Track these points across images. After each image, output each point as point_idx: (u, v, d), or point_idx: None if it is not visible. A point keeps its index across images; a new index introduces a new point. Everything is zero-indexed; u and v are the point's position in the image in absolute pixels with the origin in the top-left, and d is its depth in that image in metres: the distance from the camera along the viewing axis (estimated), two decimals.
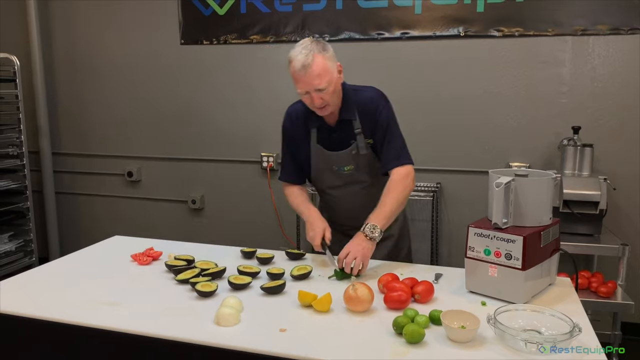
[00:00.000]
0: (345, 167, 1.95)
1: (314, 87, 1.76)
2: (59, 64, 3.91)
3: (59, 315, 1.44)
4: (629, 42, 2.85)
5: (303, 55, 1.75)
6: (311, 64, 1.74)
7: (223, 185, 3.68)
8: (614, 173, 2.85)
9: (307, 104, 1.84)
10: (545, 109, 3.02)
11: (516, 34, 2.99)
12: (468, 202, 3.18)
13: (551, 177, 1.57)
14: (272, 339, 1.30)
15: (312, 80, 1.75)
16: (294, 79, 1.79)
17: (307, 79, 1.75)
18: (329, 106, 1.83)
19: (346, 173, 1.96)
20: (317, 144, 1.96)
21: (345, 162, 1.95)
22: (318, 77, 1.75)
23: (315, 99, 1.78)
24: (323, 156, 1.97)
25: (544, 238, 1.53)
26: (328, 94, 1.79)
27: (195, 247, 2.04)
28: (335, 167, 1.96)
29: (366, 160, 1.94)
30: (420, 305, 1.50)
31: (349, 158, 1.94)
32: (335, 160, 1.95)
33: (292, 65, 1.78)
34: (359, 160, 1.94)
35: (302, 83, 1.77)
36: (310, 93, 1.78)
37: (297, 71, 1.76)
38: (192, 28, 3.55)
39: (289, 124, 2.04)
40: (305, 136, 1.99)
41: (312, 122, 1.96)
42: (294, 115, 2.03)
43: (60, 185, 4.03)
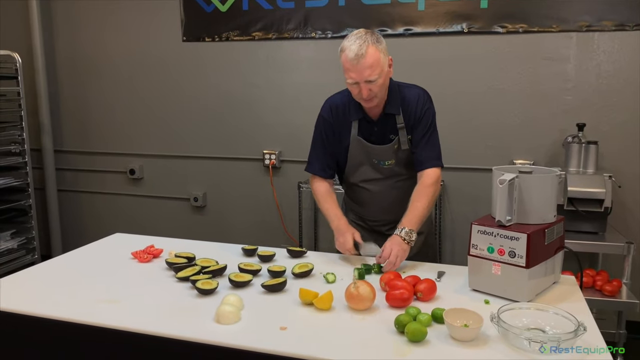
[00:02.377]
0: (386, 161, 1.94)
1: (365, 78, 1.74)
2: (61, 61, 3.90)
3: (60, 313, 1.43)
4: (635, 38, 2.82)
5: (357, 45, 1.73)
6: (364, 55, 1.72)
7: (225, 183, 3.67)
8: (619, 170, 2.82)
9: (354, 94, 1.82)
10: (549, 106, 3.00)
11: (520, 30, 2.97)
12: (471, 199, 3.16)
13: (556, 174, 1.55)
14: (272, 337, 1.29)
15: (363, 70, 1.73)
16: (345, 68, 1.77)
17: (359, 69, 1.73)
18: (375, 98, 1.82)
19: (386, 167, 1.95)
20: (357, 136, 1.93)
21: (386, 157, 1.94)
22: (370, 68, 1.73)
23: (364, 90, 1.76)
24: (364, 149, 1.94)
25: (548, 236, 1.51)
26: (377, 86, 1.78)
27: (196, 245, 2.03)
28: (375, 161, 1.95)
29: (406, 155, 1.94)
30: (422, 303, 1.48)
31: (390, 152, 1.93)
32: (377, 154, 1.94)
33: (344, 55, 1.76)
34: (399, 155, 1.93)
35: (354, 73, 1.74)
36: (359, 84, 1.76)
37: (350, 60, 1.73)
38: (194, 25, 3.54)
39: (329, 114, 1.98)
40: (344, 128, 1.95)
41: (353, 114, 1.93)
42: (334, 106, 1.98)
43: (63, 183, 4.02)
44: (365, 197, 2.04)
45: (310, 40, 3.33)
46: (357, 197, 2.07)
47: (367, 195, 2.03)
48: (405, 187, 1.98)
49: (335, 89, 2.05)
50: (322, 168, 2.02)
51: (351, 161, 1.98)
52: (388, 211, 2.00)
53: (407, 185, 1.97)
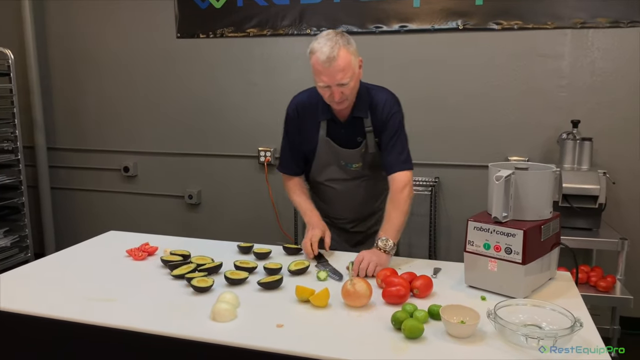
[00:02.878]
0: (354, 164, 1.94)
1: (337, 82, 1.71)
2: (54, 58, 3.87)
3: (54, 312, 1.42)
4: (629, 35, 2.83)
5: (328, 47, 1.69)
6: (336, 57, 1.69)
7: (220, 180, 3.66)
8: (613, 167, 2.83)
9: (325, 97, 1.80)
10: (544, 103, 3.00)
11: (515, 27, 2.97)
12: (466, 196, 3.16)
13: (552, 171, 1.55)
14: (269, 335, 1.29)
15: (336, 74, 1.70)
16: (316, 70, 1.74)
17: (331, 72, 1.70)
18: (346, 101, 1.80)
19: (353, 169, 1.96)
20: (326, 137, 1.93)
21: (354, 160, 1.94)
22: (342, 72, 1.70)
23: (336, 93, 1.74)
24: (332, 150, 1.94)
25: (544, 232, 1.51)
26: (349, 89, 1.76)
27: (192, 242, 2.02)
28: (343, 163, 1.95)
29: (372, 158, 1.94)
30: (419, 300, 1.48)
31: (357, 156, 1.93)
32: (345, 156, 1.94)
33: (314, 57, 1.72)
34: (367, 158, 1.93)
35: (326, 76, 1.71)
36: (331, 87, 1.73)
37: (322, 63, 1.70)
38: (189, 21, 3.52)
39: (295, 114, 1.97)
40: (312, 127, 1.94)
41: (321, 114, 1.91)
42: (300, 106, 1.97)
43: (56, 181, 4.00)
44: (330, 195, 2.03)
45: (306, 37, 3.31)
46: (322, 195, 2.07)
47: (332, 193, 2.02)
48: (370, 187, 1.99)
49: None
50: (294, 168, 2.05)
51: (318, 161, 1.97)
52: (353, 209, 2.01)
53: (372, 184, 1.99)
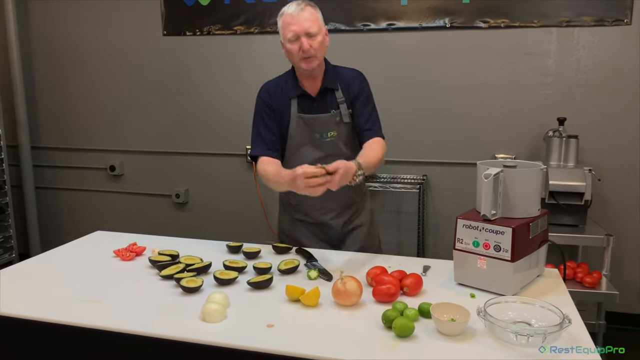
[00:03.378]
0: (328, 132, 1.93)
1: (306, 30, 1.79)
2: (37, 55, 3.81)
3: (39, 314, 1.40)
4: (613, 33, 2.86)
5: (295, 4, 1.83)
6: (304, 9, 1.81)
7: (208, 179, 3.64)
8: (599, 164, 2.87)
9: (294, 52, 1.82)
10: (530, 100, 3.03)
11: (502, 25, 2.99)
12: (454, 193, 3.18)
13: (540, 169, 1.56)
14: (259, 335, 1.28)
15: (304, 22, 1.79)
16: (285, 24, 1.82)
17: (299, 20, 1.79)
18: (315, 58, 1.83)
19: (328, 141, 1.94)
20: (298, 113, 1.93)
21: (328, 127, 1.93)
22: (310, 21, 1.80)
23: (305, 43, 1.79)
24: (305, 123, 1.93)
25: (533, 229, 1.52)
26: (317, 43, 1.81)
27: (180, 242, 2.00)
28: (317, 135, 1.94)
29: (347, 130, 1.95)
30: (409, 298, 1.48)
31: (332, 123, 1.93)
32: (318, 125, 1.93)
33: (283, 14, 1.83)
34: (341, 127, 1.94)
35: (294, 25, 1.79)
36: (300, 39, 1.79)
37: (290, 14, 1.81)
38: (175, 19, 3.49)
39: (267, 96, 1.97)
40: (284, 108, 1.95)
41: (292, 91, 1.94)
42: (272, 88, 1.98)
43: (41, 180, 3.94)
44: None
45: None
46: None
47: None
48: None
49: None
50: (269, 147, 1.95)
51: (291, 142, 1.96)
52: (331, 196, 1.86)
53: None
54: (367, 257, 1.84)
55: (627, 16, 2.82)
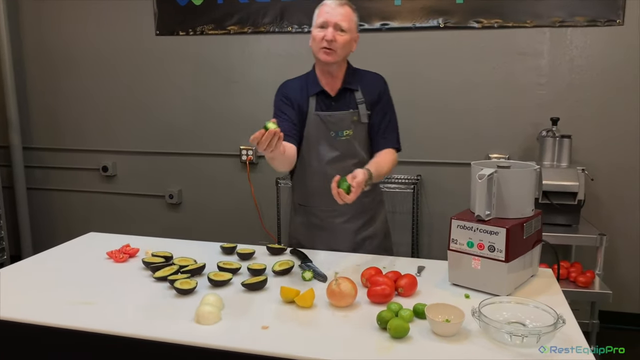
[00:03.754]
0: (344, 131, 1.93)
1: (336, 20, 1.82)
2: (29, 55, 3.79)
3: (31, 316, 1.38)
4: (606, 33, 2.88)
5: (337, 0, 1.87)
6: (344, 5, 1.86)
7: (201, 180, 3.62)
8: (592, 164, 2.88)
9: (318, 40, 1.84)
10: (524, 100, 3.04)
11: (495, 25, 3.00)
12: (448, 193, 3.19)
13: (533, 169, 1.56)
14: (254, 337, 1.27)
15: (337, 15, 1.82)
16: (319, 12, 1.86)
17: (334, 12, 1.83)
18: (334, 53, 1.84)
19: (343, 140, 1.93)
20: (315, 111, 1.93)
21: (344, 126, 1.93)
22: (343, 17, 1.83)
23: (330, 33, 1.81)
24: (321, 121, 1.93)
25: (527, 230, 1.52)
26: (342, 39, 1.83)
27: (174, 243, 1.99)
28: (332, 133, 1.93)
29: (364, 131, 1.96)
30: (404, 298, 1.48)
31: (348, 121, 1.93)
32: (334, 123, 1.92)
33: (323, 4, 1.87)
34: (358, 128, 1.94)
35: (328, 14, 1.83)
36: (328, 27, 1.82)
37: (328, 4, 1.85)
38: (168, 18, 3.47)
39: (287, 92, 1.98)
40: (302, 107, 1.95)
41: (311, 88, 1.95)
42: (291, 86, 2.00)
43: (33, 181, 3.91)
44: (320, 182, 1.92)
45: (287, 35, 3.30)
46: (312, 186, 1.99)
47: (322, 179, 1.89)
48: None
49: None
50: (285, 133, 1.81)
51: (307, 140, 1.95)
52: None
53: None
54: (362, 257, 1.84)
55: (620, 16, 2.83)
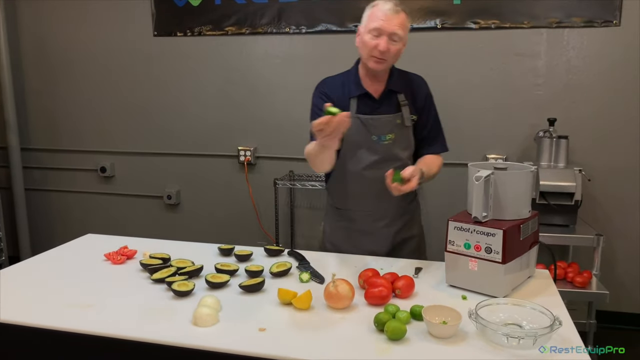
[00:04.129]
0: (386, 135, 1.88)
1: (392, 31, 1.75)
2: (27, 56, 3.78)
3: (28, 319, 1.38)
4: (603, 34, 2.88)
5: (393, 3, 1.78)
6: (400, 12, 1.78)
7: (199, 180, 3.62)
8: (589, 164, 2.89)
9: (369, 48, 1.78)
10: (521, 101, 3.04)
11: (492, 26, 3.00)
12: (445, 194, 3.19)
13: (530, 171, 1.57)
14: (251, 339, 1.28)
15: (394, 24, 1.75)
16: (374, 17, 1.77)
17: (391, 19, 1.75)
18: (385, 62, 1.80)
19: (385, 144, 1.87)
20: (356, 113, 1.86)
21: (386, 130, 1.88)
22: (400, 27, 1.77)
23: (384, 44, 1.75)
24: (362, 125, 1.86)
25: (524, 231, 1.53)
26: (395, 49, 1.79)
27: (171, 245, 1.99)
28: (375, 137, 1.87)
29: (407, 135, 1.91)
30: (401, 300, 1.48)
31: (392, 125, 1.88)
32: (377, 127, 1.87)
33: (377, 7, 1.78)
34: (401, 131, 1.90)
35: (384, 22, 1.75)
36: (383, 36, 1.75)
37: (384, 11, 1.76)
38: (166, 19, 3.47)
39: (327, 89, 1.91)
40: (342, 107, 1.81)
41: (354, 90, 1.89)
42: (332, 84, 1.93)
43: (31, 182, 3.91)
44: (359, 187, 1.92)
45: (285, 35, 3.30)
46: (351, 190, 1.94)
47: (361, 184, 1.91)
48: None
49: (311, 83, 2.01)
50: None
51: (346, 144, 1.86)
52: (383, 202, 1.90)
53: None
54: (359, 259, 1.84)
55: (616, 17, 2.84)
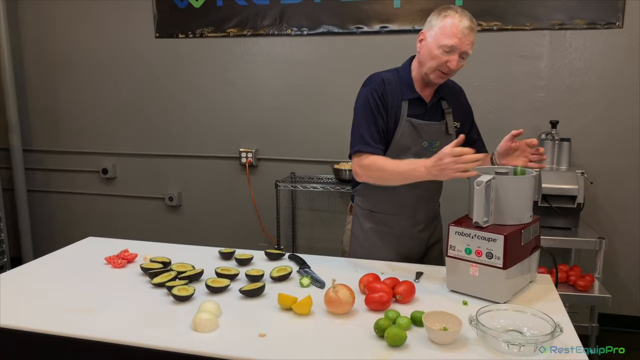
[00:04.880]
0: (436, 142, 1.85)
1: (464, 50, 1.72)
2: (29, 57, 3.78)
3: (28, 324, 1.38)
4: (605, 36, 2.87)
5: (469, 18, 1.73)
6: (474, 30, 1.73)
7: (201, 182, 3.62)
8: (591, 167, 2.88)
9: (438, 62, 1.73)
10: (523, 103, 3.03)
11: (495, 28, 2.99)
12: (446, 197, 3.15)
13: (532, 175, 1.57)
14: (251, 345, 1.27)
15: (467, 42, 1.71)
16: (448, 33, 1.69)
17: (466, 39, 1.71)
18: (448, 76, 1.80)
19: (434, 151, 1.74)
20: (408, 117, 1.82)
21: (436, 137, 1.86)
22: (471, 45, 1.74)
23: (454, 61, 1.72)
24: (416, 129, 1.82)
25: (525, 236, 1.52)
26: (461, 65, 1.76)
27: (172, 248, 1.99)
28: (425, 143, 1.84)
29: (449, 140, 1.81)
30: (401, 305, 1.48)
31: (440, 133, 1.87)
32: (430, 133, 1.84)
33: (451, 19, 1.70)
34: (445, 139, 1.86)
35: (459, 40, 1.69)
36: (453, 53, 1.71)
37: (462, 28, 1.69)
38: (167, 21, 3.47)
39: (382, 89, 1.82)
40: (396, 107, 1.82)
41: (406, 92, 1.84)
42: (386, 79, 1.84)
43: (33, 183, 3.91)
44: (399, 193, 1.84)
45: (286, 37, 3.30)
46: (390, 194, 1.86)
47: (403, 189, 1.80)
48: (435, 189, 1.99)
49: (312, 85, 2.01)
50: (382, 149, 1.80)
51: (395, 146, 1.81)
52: (420, 208, 1.90)
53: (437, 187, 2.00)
54: (360, 263, 1.84)
55: (619, 19, 2.83)
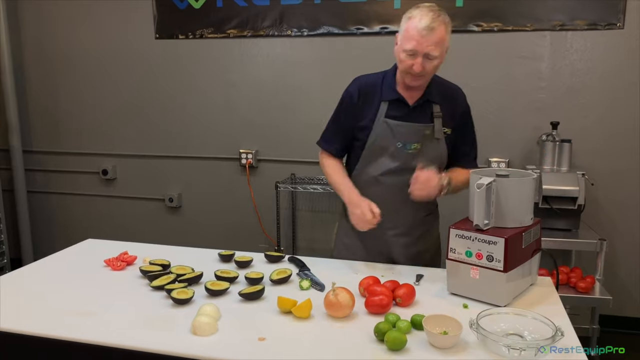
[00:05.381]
0: (412, 144, 1.81)
1: (426, 51, 1.67)
2: (29, 58, 3.78)
3: (27, 327, 1.38)
4: (606, 37, 2.86)
5: (430, 17, 1.66)
6: (435, 29, 1.66)
7: (201, 183, 3.61)
8: (592, 168, 2.87)
9: (404, 66, 1.72)
10: (524, 104, 3.02)
11: (495, 29, 2.98)
12: (446, 198, 3.16)
13: (532, 178, 1.56)
14: (250, 349, 1.27)
15: (428, 44, 1.66)
16: (408, 35, 1.68)
17: (425, 41, 1.66)
18: (422, 78, 1.75)
19: (409, 152, 1.80)
20: (385, 118, 1.82)
21: (413, 139, 1.81)
22: (435, 45, 1.67)
23: (418, 64, 1.68)
24: (390, 129, 1.81)
25: (526, 239, 1.51)
26: (431, 66, 1.71)
27: (172, 251, 1.98)
28: (399, 144, 1.81)
29: (436, 147, 1.84)
30: (402, 308, 1.47)
31: (419, 135, 1.81)
32: (403, 133, 1.81)
33: (412, 22, 1.67)
34: (428, 142, 1.82)
35: (417, 43, 1.66)
36: (417, 56, 1.68)
37: (419, 30, 1.65)
38: (167, 22, 3.47)
39: (356, 92, 1.87)
40: (371, 110, 1.84)
41: (386, 93, 1.83)
42: (363, 85, 1.88)
43: (33, 184, 3.91)
44: (376, 192, 1.84)
45: (286, 38, 3.29)
46: (367, 194, 1.83)
47: (379, 190, 1.85)
48: None
49: (312, 86, 2.01)
50: (335, 146, 1.95)
51: (370, 147, 1.84)
52: (397, 211, 1.87)
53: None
54: (360, 265, 1.83)
55: (620, 20, 2.82)
